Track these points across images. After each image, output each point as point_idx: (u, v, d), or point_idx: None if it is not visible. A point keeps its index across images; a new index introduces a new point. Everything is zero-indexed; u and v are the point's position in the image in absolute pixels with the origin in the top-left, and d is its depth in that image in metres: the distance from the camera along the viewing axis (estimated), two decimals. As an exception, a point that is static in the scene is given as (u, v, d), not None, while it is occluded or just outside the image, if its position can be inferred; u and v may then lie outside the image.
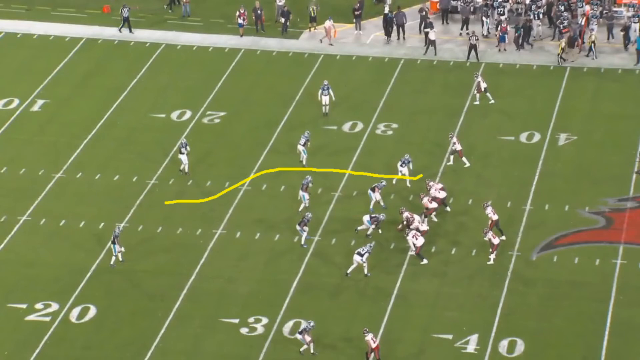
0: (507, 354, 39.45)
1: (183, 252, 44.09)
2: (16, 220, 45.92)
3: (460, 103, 53.23)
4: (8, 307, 41.56)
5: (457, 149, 48.38)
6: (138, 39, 58.77)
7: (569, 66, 56.10)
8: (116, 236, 42.86)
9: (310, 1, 59.67)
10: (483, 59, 56.66)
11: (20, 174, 48.73)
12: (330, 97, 51.88)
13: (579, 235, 44.95)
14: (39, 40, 58.82)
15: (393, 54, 57.46)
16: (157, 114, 52.86)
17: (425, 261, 42.98)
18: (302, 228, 43.69)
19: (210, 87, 54.66)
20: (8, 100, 53.89)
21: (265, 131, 51.27)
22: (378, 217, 44.20)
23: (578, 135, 51.09)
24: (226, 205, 46.60)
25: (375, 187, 45.61)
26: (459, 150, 48.38)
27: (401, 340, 39.99)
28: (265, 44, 58.37)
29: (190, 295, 42.07)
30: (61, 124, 52.17)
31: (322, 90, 52.01)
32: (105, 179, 48.34)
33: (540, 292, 42.06)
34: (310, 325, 38.83)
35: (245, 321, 40.74)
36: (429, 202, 45.01)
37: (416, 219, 44.00)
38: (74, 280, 42.70)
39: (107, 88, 54.73)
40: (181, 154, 48.01)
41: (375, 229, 44.29)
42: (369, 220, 44.12)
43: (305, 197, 45.79)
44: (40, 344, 39.94)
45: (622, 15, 58.42)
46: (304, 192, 45.84)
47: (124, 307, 41.60)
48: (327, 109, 52.10)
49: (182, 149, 47.99)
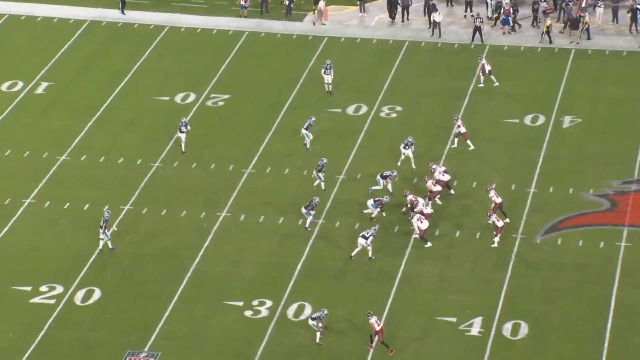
0: (511, 337, 39.49)
1: (187, 235, 44.14)
2: (20, 203, 45.99)
3: (464, 86, 53.17)
4: (13, 289, 41.66)
5: (462, 132, 48.34)
6: (142, 21, 58.71)
7: (574, 48, 56.01)
8: (105, 221, 42.78)
9: (314, -17, 59.62)
10: (487, 41, 56.57)
11: (24, 156, 48.77)
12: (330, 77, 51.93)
13: (583, 218, 44.95)
14: (42, 23, 58.78)
15: (397, 37, 57.38)
16: (161, 97, 52.86)
17: (429, 244, 43.00)
18: (309, 212, 43.67)
19: (214, 70, 54.63)
20: (12, 82, 53.91)
21: (269, 114, 51.25)
22: (382, 200, 44.20)
23: (582, 118, 51.04)
24: (230, 188, 46.62)
25: (387, 177, 45.40)
26: (464, 133, 48.33)
27: (405, 323, 40.04)
28: (269, 27, 58.29)
29: (195, 278, 42.13)
30: (65, 106, 52.20)
31: (324, 69, 51.89)
32: (110, 162, 48.37)
33: (544, 275, 42.09)
34: (324, 313, 38.83)
35: (249, 304, 40.81)
36: (433, 185, 44.99)
37: (420, 202, 44.00)
38: (79, 263, 42.78)
39: (111, 71, 54.73)
40: (181, 132, 48.01)
41: (380, 212, 44.29)
42: (374, 204, 44.11)
43: (321, 177, 45.73)
44: (45, 326, 40.04)
45: (627, -3, 58.38)
46: (318, 173, 45.79)
47: (128, 290, 41.68)
48: (330, 87, 52.04)
49: (181, 128, 47.98)
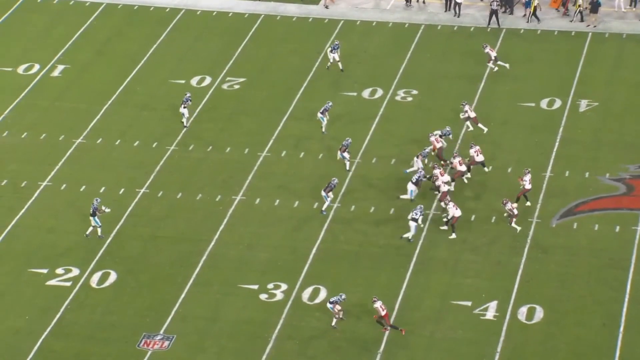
0: (526, 321, 39.49)
1: (203, 219, 44.21)
2: (37, 185, 46.11)
3: (480, 69, 53.01)
4: (29, 272, 41.81)
5: (471, 116, 48.20)
6: (158, 4, 58.69)
7: (591, 31, 55.79)
8: (95, 209, 42.79)
9: (330, -34, 59.49)
10: (504, 24, 56.36)
11: (40, 139, 48.88)
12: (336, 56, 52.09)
13: (599, 202, 44.85)
14: (59, 5, 58.82)
15: (413, 20, 57.22)
16: (176, 80, 52.87)
17: (454, 235, 42.79)
18: (327, 194, 43.64)
19: (230, 53, 54.60)
20: (28, 65, 53.98)
21: (285, 97, 51.21)
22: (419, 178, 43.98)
23: (599, 102, 50.87)
24: (246, 172, 46.65)
25: (419, 154, 45.31)
26: (474, 117, 48.20)
27: (420, 307, 40.06)
28: (285, 10, 58.21)
29: (210, 261, 42.22)
30: (81, 89, 52.26)
31: (332, 48, 52.05)
32: (125, 145, 48.44)
33: (559, 259, 42.03)
34: (342, 298, 38.87)
35: (264, 287, 40.88)
36: (459, 164, 44.80)
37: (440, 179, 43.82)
38: (95, 246, 42.88)
39: (126, 54, 54.75)
40: (184, 107, 48.23)
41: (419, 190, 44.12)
42: (412, 191, 43.75)
43: (346, 157, 45.81)
44: (61, 308, 40.20)
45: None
46: (342, 153, 45.79)
47: (144, 272, 41.79)
48: (341, 65, 52.09)
49: (184, 103, 48.22)
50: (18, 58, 54.42)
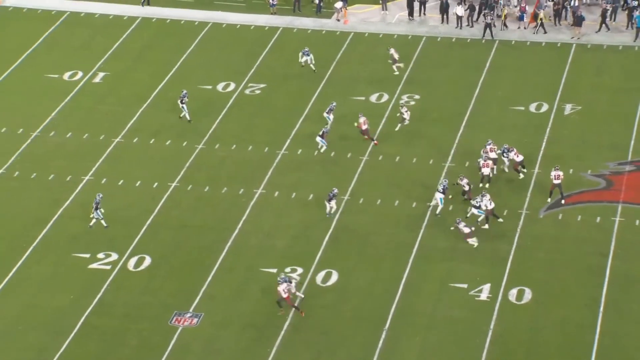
0: (516, 302, 39.36)
1: (227, 210, 44.15)
2: (80, 180, 46.12)
3: (476, 76, 52.84)
4: (73, 256, 41.83)
5: (405, 117, 47.82)
6: (188, 18, 58.64)
7: (575, 43, 55.55)
8: (97, 203, 42.67)
9: (342, -16, 59.34)
10: (497, 36, 56.16)
11: (83, 138, 48.89)
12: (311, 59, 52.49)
13: (582, 196, 44.67)
14: (100, 19, 58.82)
15: (415, 32, 57.06)
16: (204, 86, 52.81)
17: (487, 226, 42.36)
18: (329, 202, 43.03)
19: (252, 62, 54.51)
20: (73, 72, 54.00)
21: (301, 101, 51.10)
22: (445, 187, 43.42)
23: (582, 106, 50.65)
24: (265, 168, 46.57)
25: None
26: (405, 119, 47.87)
27: (421, 289, 39.96)
28: (301, 23, 58.10)
29: (234, 248, 42.17)
30: (119, 94, 52.24)
31: (302, 53, 52.58)
32: (158, 143, 48.40)
33: (546, 247, 41.88)
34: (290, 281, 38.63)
35: (282, 271, 40.79)
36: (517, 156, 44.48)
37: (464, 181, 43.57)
38: (131, 233, 42.88)
39: (160, 62, 54.71)
40: (182, 103, 48.31)
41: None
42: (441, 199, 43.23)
43: (323, 142, 45.78)
44: (102, 289, 40.21)
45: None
46: (321, 138, 45.74)
47: (175, 257, 41.77)
48: (313, 67, 52.57)
49: (183, 99, 48.44)
50: (63, 66, 54.43)
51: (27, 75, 53.67)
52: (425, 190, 44.78)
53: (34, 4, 59.70)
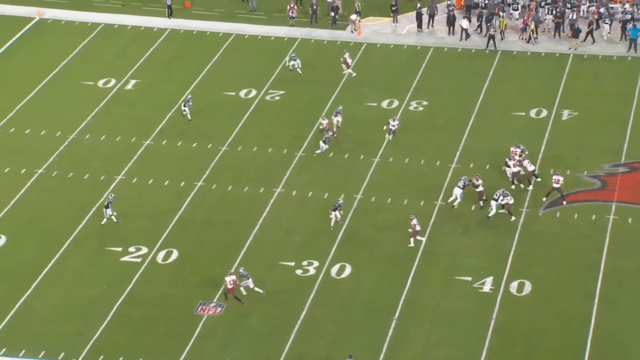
0: (517, 294, 39.28)
1: (248, 207, 44.18)
2: (113, 179, 46.22)
3: (480, 84, 52.73)
4: (106, 250, 41.93)
5: (393, 129, 47.25)
6: (212, 29, 58.69)
7: (572, 53, 55.38)
8: (110, 202, 42.67)
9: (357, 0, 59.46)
10: (499, 47, 56.02)
11: (116, 141, 48.99)
12: (298, 64, 52.72)
13: (579, 195, 44.53)
14: (132, 31, 58.94)
15: (424, 43, 56.96)
16: (228, 92, 52.85)
17: (513, 218, 42.48)
18: (334, 212, 42.29)
19: (272, 70, 54.52)
20: (107, 80, 54.11)
21: (317, 106, 51.08)
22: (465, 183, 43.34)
23: (579, 111, 50.50)
24: (284, 168, 46.59)
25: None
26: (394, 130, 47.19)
27: (428, 282, 39.92)
28: (318, 34, 58.09)
29: (255, 242, 42.20)
30: (150, 100, 52.32)
31: (289, 58, 52.97)
32: (185, 145, 48.47)
33: (545, 243, 41.77)
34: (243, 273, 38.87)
35: (299, 264, 40.83)
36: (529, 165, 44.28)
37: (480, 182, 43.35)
38: (160, 228, 42.94)
39: (187, 70, 54.76)
40: (184, 106, 48.69)
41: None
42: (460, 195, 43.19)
43: (323, 147, 45.77)
44: (132, 281, 40.31)
45: (617, 11, 57.52)
46: (324, 143, 45.63)
47: (200, 251, 41.83)
48: (300, 71, 52.80)
49: (188, 102, 48.88)
50: (98, 74, 54.54)
51: (64, 83, 53.84)
52: (432, 190, 44.74)
53: (71, 16, 59.87)
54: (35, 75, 54.11)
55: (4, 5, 60.64)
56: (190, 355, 36.99)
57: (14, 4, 60.69)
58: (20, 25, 58.87)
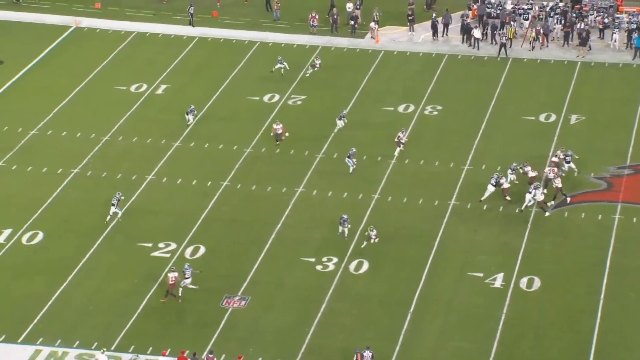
0: (527, 289, 38.99)
1: (271, 206, 44.05)
2: (144, 178, 46.23)
3: (492, 90, 52.41)
4: (137, 245, 41.91)
5: (402, 141, 46.54)
6: (238, 37, 58.62)
7: (580, 61, 54.96)
8: (118, 200, 42.58)
9: (374, 9, 59.05)
10: (510, 55, 55.65)
11: (147, 142, 48.98)
12: (285, 67, 53.07)
13: (586, 196, 44.17)
14: (162, 39, 58.98)
15: (439, 51, 56.68)
16: (253, 97, 52.74)
17: (548, 213, 42.29)
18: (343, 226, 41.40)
19: (294, 76, 54.38)
20: (138, 85, 54.16)
21: (337, 110, 50.85)
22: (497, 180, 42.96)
23: (586, 116, 50.09)
24: (306, 169, 46.42)
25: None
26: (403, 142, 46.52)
27: (442, 277, 39.67)
28: (338, 42, 57.90)
29: (277, 239, 42.06)
30: (179, 104, 52.23)
31: (280, 62, 53.10)
32: (212, 148, 48.39)
33: (553, 241, 41.45)
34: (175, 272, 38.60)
35: (319, 260, 40.67)
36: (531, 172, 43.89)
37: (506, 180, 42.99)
38: (188, 226, 42.89)
39: (214, 76, 54.71)
40: (187, 115, 48.73)
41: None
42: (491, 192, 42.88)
43: (350, 163, 45.26)
44: (162, 274, 40.21)
45: (623, 21, 57.06)
46: (350, 159, 45.33)
47: (226, 247, 41.74)
48: (282, 71, 53.03)
49: (190, 111, 48.93)
50: (130, 79, 54.59)
51: (98, 88, 53.91)
52: (446, 190, 44.47)
53: (105, 25, 59.97)
54: (71, 80, 54.22)
55: (43, 15, 60.84)
56: (216, 345, 36.88)
57: (52, 14, 60.86)
58: (58, 34, 59.03)
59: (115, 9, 61.52)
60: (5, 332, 37.50)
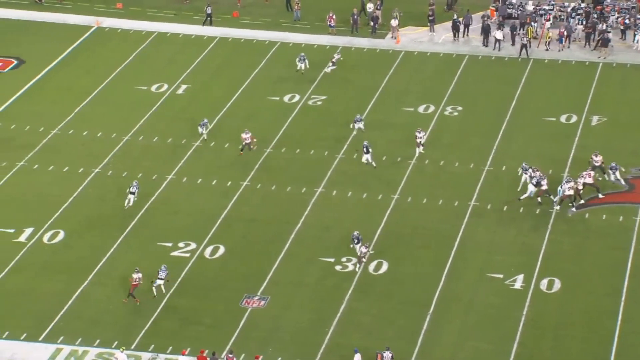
0: (547, 291, 38.82)
1: (291, 206, 44.06)
2: (164, 178, 46.35)
3: (512, 90, 52.21)
4: (157, 244, 42.01)
5: (422, 142, 46.29)
6: (259, 38, 58.68)
7: (601, 62, 54.66)
8: (137, 188, 43.18)
9: (394, 9, 58.96)
10: (532, 55, 55.42)
11: (167, 142, 49.12)
12: (305, 65, 52.76)
13: (607, 197, 43.89)
14: (183, 39, 59.13)
15: (459, 51, 56.53)
16: (272, 97, 52.77)
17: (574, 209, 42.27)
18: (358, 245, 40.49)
19: (315, 76, 54.38)
20: (159, 85, 54.32)
21: (357, 111, 50.80)
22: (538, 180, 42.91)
23: (608, 117, 49.80)
24: (325, 169, 46.41)
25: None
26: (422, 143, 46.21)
27: (462, 278, 39.55)
28: (358, 43, 57.86)
29: (296, 239, 42.07)
30: (199, 104, 52.40)
31: (299, 59, 52.92)
32: (232, 148, 48.46)
33: (574, 241, 41.25)
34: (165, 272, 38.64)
35: (339, 260, 40.63)
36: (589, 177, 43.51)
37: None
38: (208, 225, 42.96)
39: (234, 76, 54.80)
40: (200, 128, 48.02)
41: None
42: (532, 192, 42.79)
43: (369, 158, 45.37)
44: (182, 274, 40.34)
45: (646, 21, 56.80)
46: (366, 154, 45.28)
47: (245, 247, 41.78)
48: (302, 71, 53.00)
49: (203, 124, 48.05)
50: (151, 79, 54.74)
51: (120, 87, 54.12)
52: (466, 190, 44.34)
53: (127, 25, 60.19)
54: (93, 80, 54.44)
55: (65, 15, 61.14)
56: (235, 345, 36.93)
57: (74, 14, 61.15)
58: (80, 34, 59.30)
59: (137, 9, 61.74)
60: (26, 331, 37.71)
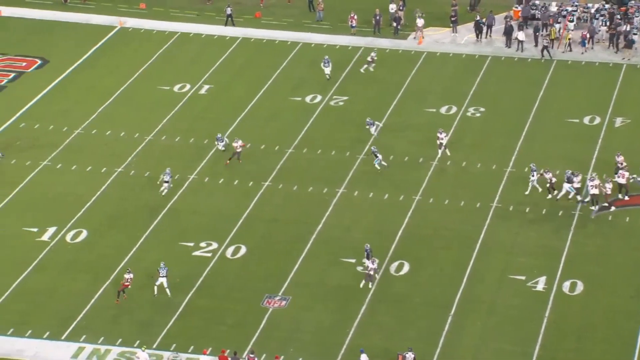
0: (569, 293, 38.62)
1: (312, 206, 44.06)
2: (186, 178, 46.47)
3: (535, 92, 51.99)
4: (179, 244, 42.12)
5: (444, 143, 46.07)
6: (281, 38, 58.74)
7: (625, 63, 54.33)
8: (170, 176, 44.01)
9: (415, 10, 58.86)
10: (554, 57, 55.16)
11: (190, 142, 49.24)
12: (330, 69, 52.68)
13: (631, 199, 43.60)
14: (205, 39, 59.27)
15: (482, 52, 56.36)
16: (294, 98, 52.79)
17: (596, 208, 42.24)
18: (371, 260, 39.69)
19: (337, 77, 54.36)
20: (182, 85, 54.47)
21: (379, 111, 50.76)
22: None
23: (632, 119, 49.49)
24: (347, 170, 46.38)
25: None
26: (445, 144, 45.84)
27: (483, 280, 39.41)
28: (380, 43, 57.79)
29: (318, 239, 42.07)
30: (222, 104, 52.52)
31: (323, 63, 52.86)
32: (254, 148, 48.47)
33: (597, 243, 41.03)
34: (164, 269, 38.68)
35: (360, 261, 40.58)
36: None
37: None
38: (229, 225, 43.03)
39: (256, 76, 54.87)
40: (217, 142, 47.32)
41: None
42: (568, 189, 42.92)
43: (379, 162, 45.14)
44: (203, 274, 40.44)
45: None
46: (376, 159, 45.23)
47: (267, 247, 41.81)
48: (329, 76, 52.74)
49: (219, 140, 47.27)
50: (174, 79, 54.91)
51: (142, 87, 54.33)
52: (488, 192, 44.17)
53: (149, 25, 60.41)
54: (116, 80, 54.67)
55: (89, 15, 61.45)
56: (256, 345, 36.97)
57: (98, 14, 61.46)
58: (103, 34, 59.58)
59: (160, 9, 61.95)
60: (49, 329, 37.92)
